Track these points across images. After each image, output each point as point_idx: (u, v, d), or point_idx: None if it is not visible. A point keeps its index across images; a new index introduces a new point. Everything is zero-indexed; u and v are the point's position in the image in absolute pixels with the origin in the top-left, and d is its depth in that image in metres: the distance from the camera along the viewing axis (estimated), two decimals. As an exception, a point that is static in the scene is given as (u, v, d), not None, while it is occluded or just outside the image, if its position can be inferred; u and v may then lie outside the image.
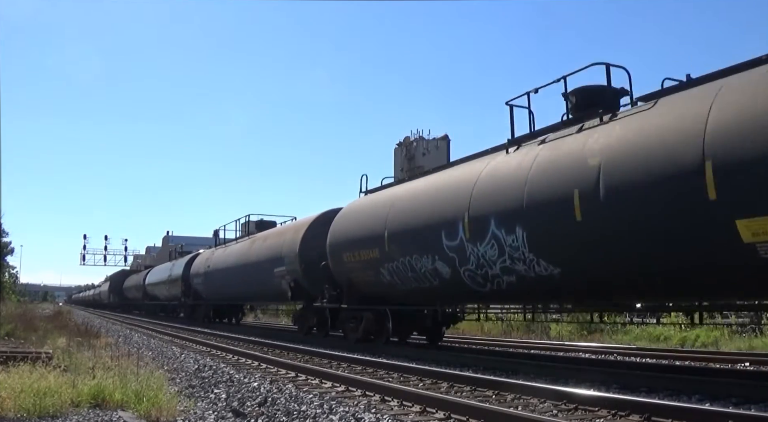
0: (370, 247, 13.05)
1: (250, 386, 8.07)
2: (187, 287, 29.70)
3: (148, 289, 41.69)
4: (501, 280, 9.76)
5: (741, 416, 5.24)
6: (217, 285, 25.31)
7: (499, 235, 9.48)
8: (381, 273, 12.80)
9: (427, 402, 6.42)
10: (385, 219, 12.67)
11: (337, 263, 14.60)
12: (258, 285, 20.22)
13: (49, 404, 5.94)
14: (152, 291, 40.26)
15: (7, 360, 8.21)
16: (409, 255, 11.82)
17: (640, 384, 7.72)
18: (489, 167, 10.43)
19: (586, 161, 8.16)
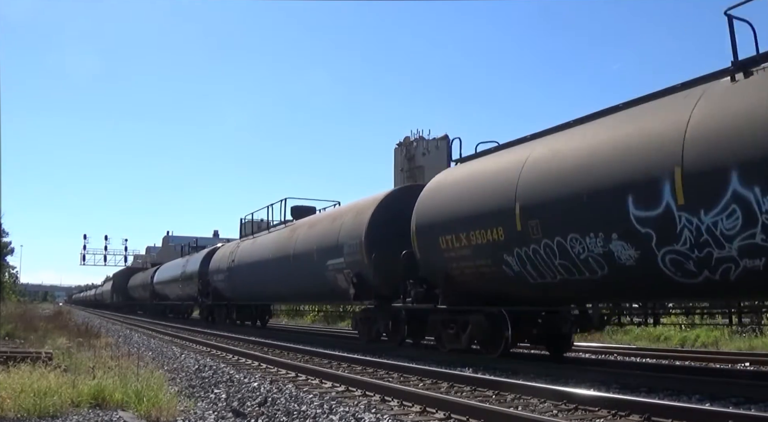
0: (487, 226, 9.94)
1: (250, 386, 8.07)
2: (205, 285, 26.69)
3: (156, 288, 39.02)
4: (734, 266, 6.89)
5: (741, 416, 5.24)
6: (244, 282, 21.99)
7: (746, 197, 6.59)
8: (506, 262, 9.73)
9: (427, 402, 6.42)
10: (515, 186, 9.53)
11: (428, 250, 11.54)
12: (303, 282, 17.02)
13: (49, 404, 5.94)
14: (161, 291, 37.70)
15: (7, 360, 8.21)
16: (559, 235, 8.69)
17: (640, 384, 7.72)
18: (709, 102, 7.32)
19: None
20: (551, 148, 9.46)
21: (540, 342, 11.37)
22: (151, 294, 40.41)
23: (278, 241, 19.04)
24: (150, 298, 41.22)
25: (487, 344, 10.95)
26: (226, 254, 24.20)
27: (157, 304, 40.42)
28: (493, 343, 10.71)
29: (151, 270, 43.73)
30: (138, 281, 48.12)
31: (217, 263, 24.89)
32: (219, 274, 24.41)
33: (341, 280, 14.76)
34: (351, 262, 14.24)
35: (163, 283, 36.64)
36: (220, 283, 24.55)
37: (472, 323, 10.96)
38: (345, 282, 14.54)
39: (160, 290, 37.85)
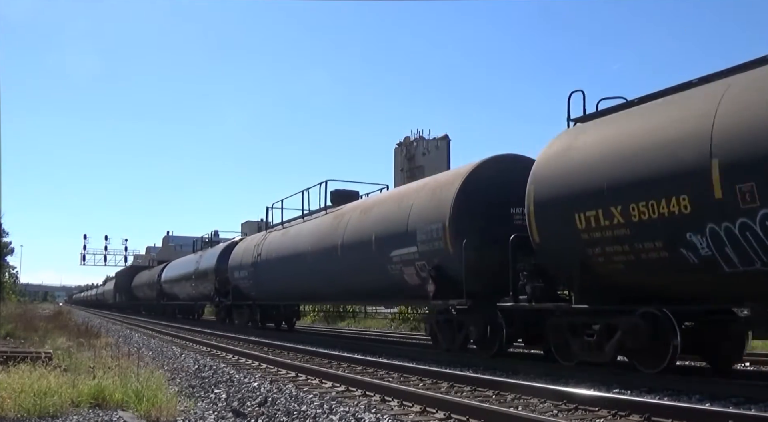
0: (660, 196, 7.36)
1: (250, 386, 8.07)
2: (223, 283, 24.03)
3: (164, 287, 36.04)
4: None
5: (741, 416, 5.24)
6: (273, 279, 18.96)
7: None
8: (688, 244, 7.19)
9: (427, 402, 6.42)
10: (708, 136, 6.99)
11: (553, 232, 8.96)
12: (355, 277, 14.17)
13: (49, 404, 5.94)
14: (170, 290, 34.69)
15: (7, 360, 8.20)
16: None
17: (640, 384, 7.72)
18: None
19: None
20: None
21: (703, 352, 8.84)
22: (159, 294, 37.60)
23: (319, 230, 16.08)
24: (157, 298, 38.42)
25: (644, 356, 8.29)
26: (249, 248, 20.99)
27: (165, 304, 37.64)
28: (654, 355, 8.14)
29: (158, 268, 40.77)
30: (143, 280, 45.01)
31: (239, 258, 21.81)
32: (241, 270, 21.39)
33: (410, 274, 12.04)
34: (428, 252, 11.41)
35: (172, 282, 33.76)
36: (242, 281, 21.47)
37: (622, 328, 8.23)
38: (417, 276, 11.85)
39: (169, 289, 35.08)
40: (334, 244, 14.79)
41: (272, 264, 18.79)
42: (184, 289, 31.30)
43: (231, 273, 22.54)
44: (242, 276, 21.35)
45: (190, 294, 30.27)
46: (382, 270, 12.75)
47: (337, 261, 14.67)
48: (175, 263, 35.93)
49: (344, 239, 14.39)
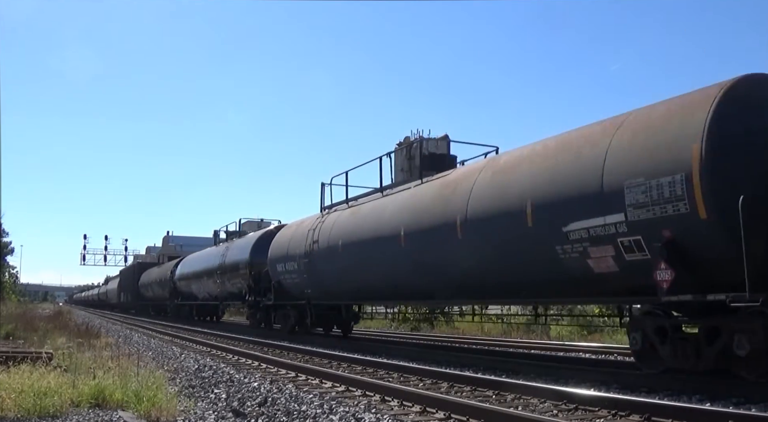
0: None
1: (250, 386, 8.07)
2: (260, 279, 19.87)
3: (179, 285, 31.71)
4: None
5: (741, 416, 5.24)
6: (340, 271, 14.71)
7: None
8: None
9: (427, 402, 6.42)
10: None
11: None
12: (494, 266, 10.01)
13: (49, 404, 5.94)
14: (186, 288, 30.66)
15: (7, 360, 8.21)
16: None
17: (640, 384, 7.72)
18: None
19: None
20: None
21: None
22: (172, 293, 33.33)
23: (418, 204, 12.04)
24: (170, 297, 34.04)
25: None
26: (300, 234, 16.85)
27: (180, 305, 33.03)
28: None
29: (169, 264, 36.09)
30: (152, 277, 40.29)
31: (283, 247, 17.71)
32: (287, 263, 17.26)
33: (601, 258, 8.11)
34: (648, 221, 7.43)
35: (190, 278, 29.43)
36: (288, 276, 17.30)
37: None
38: (614, 261, 7.97)
39: (185, 287, 30.75)
40: (449, 221, 10.72)
41: (337, 253, 14.59)
42: (204, 287, 27.09)
43: (272, 266, 18.27)
44: (289, 269, 17.20)
45: (213, 293, 26.15)
46: (546, 254, 8.80)
47: (455, 245, 10.61)
48: (193, 258, 30.99)
49: (469, 212, 10.31)
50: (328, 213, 16.23)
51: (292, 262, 17.05)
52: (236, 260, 22.68)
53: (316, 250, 15.64)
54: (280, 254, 17.90)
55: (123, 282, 52.94)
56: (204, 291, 27.56)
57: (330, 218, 15.76)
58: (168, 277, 34.08)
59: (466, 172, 11.43)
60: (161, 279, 36.61)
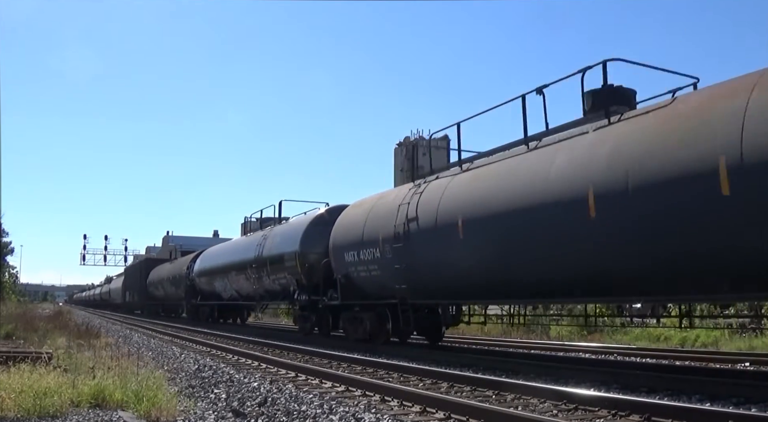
0: None
1: (250, 386, 8.07)
2: (312, 274, 16.32)
3: (199, 283, 27.84)
4: None
5: (741, 416, 5.24)
6: (456, 258, 10.87)
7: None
8: None
9: (427, 402, 6.42)
10: None
11: None
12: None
13: (49, 404, 5.94)
14: (207, 286, 26.64)
15: (7, 360, 8.20)
16: None
17: (640, 384, 7.72)
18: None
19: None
20: None
21: None
22: (189, 292, 29.47)
23: (636, 144, 7.91)
24: (186, 296, 30.12)
25: None
26: (383, 212, 13.09)
27: (200, 305, 28.86)
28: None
29: (185, 260, 32.46)
30: (163, 274, 36.23)
31: (355, 231, 13.95)
32: (362, 250, 13.49)
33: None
34: None
35: (212, 275, 25.45)
36: (363, 268, 13.55)
37: None
38: None
39: (205, 285, 26.90)
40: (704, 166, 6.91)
41: (454, 235, 10.66)
42: (232, 285, 23.06)
43: (337, 256, 14.60)
44: (365, 259, 13.44)
45: (245, 292, 22.15)
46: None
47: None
48: (217, 250, 26.93)
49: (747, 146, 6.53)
50: (427, 183, 12.22)
51: (369, 249, 13.25)
52: (280, 251, 18.23)
53: (414, 232, 11.73)
54: (349, 240, 14.04)
55: (128, 281, 49.02)
56: (231, 290, 23.54)
57: (433, 187, 11.74)
58: (183, 274, 30.17)
59: (722, 93, 7.37)
60: (174, 276, 32.72)
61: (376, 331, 13.80)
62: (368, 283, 13.69)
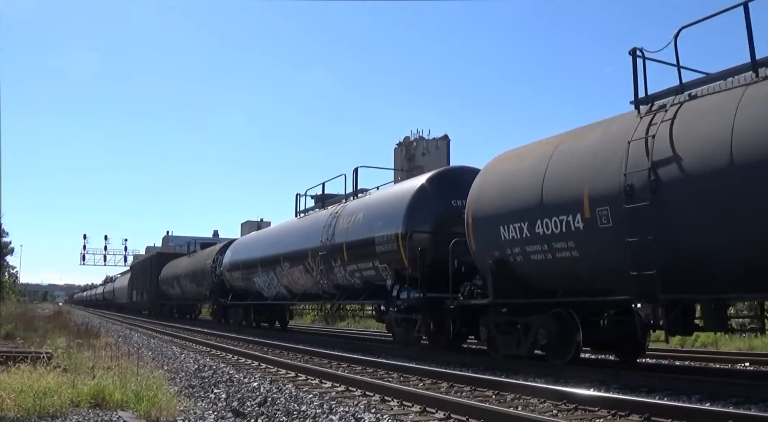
0: None
1: (250, 386, 8.07)
2: (425, 260, 12.13)
3: (231, 279, 23.11)
4: None
5: (741, 416, 5.24)
6: None
7: None
8: None
9: (427, 402, 6.42)
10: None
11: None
12: None
13: (49, 404, 5.93)
14: (243, 282, 21.91)
15: (7, 360, 8.20)
16: None
17: (640, 384, 7.72)
18: None
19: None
20: None
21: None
22: (216, 289, 25.29)
23: None
24: (211, 295, 26.00)
25: None
26: (584, 157, 8.91)
27: (230, 306, 24.15)
28: None
29: (209, 252, 27.93)
30: (180, 270, 31.66)
31: (524, 190, 9.75)
32: (539, 220, 9.23)
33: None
34: None
35: (252, 268, 20.84)
36: (538, 247, 9.31)
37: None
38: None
39: (240, 281, 22.16)
40: None
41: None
42: (284, 280, 18.46)
43: (485, 232, 10.29)
44: (550, 233, 9.06)
45: (303, 288, 17.59)
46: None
47: None
48: (256, 238, 22.62)
49: None
50: (678, 104, 8.04)
51: (558, 217, 8.86)
52: (369, 233, 13.85)
53: (670, 181, 7.63)
54: (508, 207, 9.88)
55: (135, 278, 44.08)
56: (278, 287, 19.09)
57: (703, 107, 7.69)
58: (208, 268, 26.11)
59: None
60: (195, 272, 28.39)
61: (555, 345, 9.38)
62: (547, 271, 9.34)
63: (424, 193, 12.97)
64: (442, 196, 12.77)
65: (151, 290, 37.70)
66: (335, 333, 22.43)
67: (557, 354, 9.44)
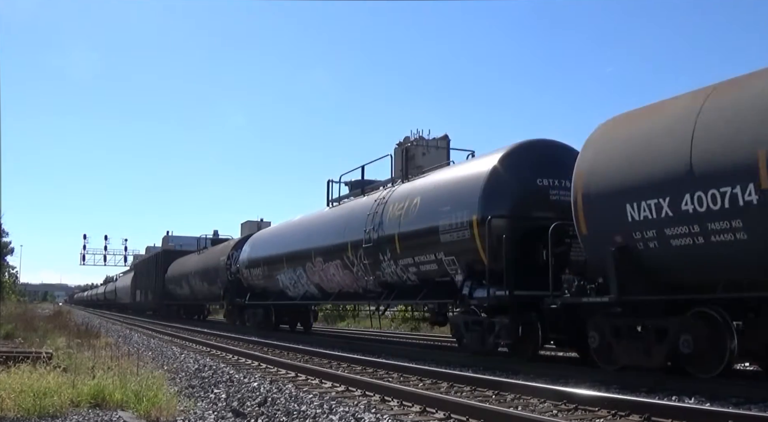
0: None
1: (250, 386, 8.07)
2: (499, 252, 10.20)
3: (250, 276, 21.11)
4: None
5: (741, 416, 5.24)
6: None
7: None
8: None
9: (427, 402, 6.42)
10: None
11: None
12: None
13: (49, 404, 5.93)
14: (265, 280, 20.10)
15: (7, 360, 8.19)
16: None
17: (640, 384, 7.72)
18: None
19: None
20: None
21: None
22: (231, 289, 23.48)
23: None
24: (228, 295, 24.07)
25: None
26: None
27: (248, 306, 22.21)
28: None
29: (222, 248, 26.02)
30: (188, 268, 29.78)
31: (661, 156, 7.75)
32: (687, 194, 7.29)
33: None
34: None
35: (273, 264, 19.19)
36: (683, 229, 7.39)
37: None
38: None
39: (262, 279, 20.28)
40: None
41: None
42: (315, 278, 16.67)
43: (602, 212, 8.53)
44: (704, 211, 7.19)
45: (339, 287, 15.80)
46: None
47: None
48: (278, 232, 20.48)
49: None
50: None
51: (714, 190, 7.10)
52: (431, 220, 11.80)
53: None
54: (638, 179, 7.99)
55: (139, 277, 41.89)
56: (308, 285, 17.34)
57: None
58: (222, 266, 24.30)
59: None
60: (206, 270, 26.52)
61: (701, 354, 7.64)
62: (693, 260, 7.56)
63: (502, 171, 10.87)
64: (524, 174, 10.77)
65: (157, 290, 35.58)
66: (335, 333, 22.42)
67: (702, 366, 7.66)
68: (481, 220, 10.53)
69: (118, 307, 54.03)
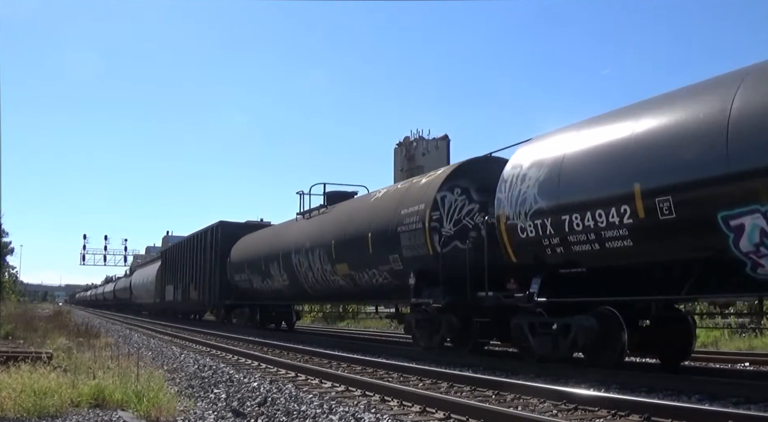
0: None
1: (250, 386, 8.07)
2: None
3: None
4: None
5: (741, 416, 5.24)
6: None
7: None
8: None
9: (427, 402, 6.42)
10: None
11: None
12: None
13: (49, 404, 5.94)
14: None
15: (7, 360, 8.20)
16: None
17: (640, 384, 7.72)
18: None
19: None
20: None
21: None
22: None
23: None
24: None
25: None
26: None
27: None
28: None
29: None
30: (290, 242, 18.36)
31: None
32: None
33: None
34: None
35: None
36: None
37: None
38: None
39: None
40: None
41: None
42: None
43: None
44: None
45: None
46: None
47: None
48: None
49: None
50: None
51: None
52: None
53: None
54: None
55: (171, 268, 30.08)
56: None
57: None
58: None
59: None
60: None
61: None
62: None
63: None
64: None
65: (213, 283, 23.75)
66: (335, 333, 22.46)
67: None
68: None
69: (133, 309, 43.17)
